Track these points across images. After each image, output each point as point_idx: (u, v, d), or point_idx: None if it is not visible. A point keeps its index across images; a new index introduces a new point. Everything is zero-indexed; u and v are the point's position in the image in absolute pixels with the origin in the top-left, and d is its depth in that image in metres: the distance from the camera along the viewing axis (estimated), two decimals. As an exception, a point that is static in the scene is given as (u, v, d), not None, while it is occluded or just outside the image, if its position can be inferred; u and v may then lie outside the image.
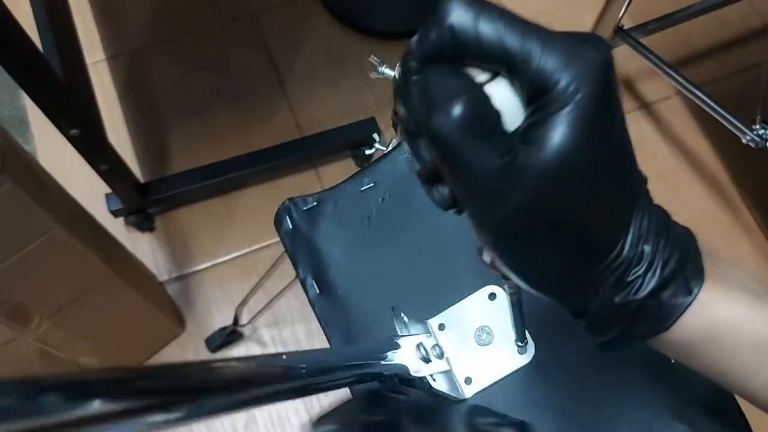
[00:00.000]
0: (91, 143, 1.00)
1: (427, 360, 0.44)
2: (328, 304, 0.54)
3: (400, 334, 0.46)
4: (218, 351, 1.20)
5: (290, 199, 0.58)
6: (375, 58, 0.76)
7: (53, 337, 0.91)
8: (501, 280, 0.40)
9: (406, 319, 0.48)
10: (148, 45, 1.43)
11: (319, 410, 1.25)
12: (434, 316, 0.50)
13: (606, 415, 0.46)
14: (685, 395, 0.46)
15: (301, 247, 0.57)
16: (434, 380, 0.46)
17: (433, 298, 0.49)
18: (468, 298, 0.51)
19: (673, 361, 0.46)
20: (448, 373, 0.47)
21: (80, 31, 1.18)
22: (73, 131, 0.92)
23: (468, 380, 0.48)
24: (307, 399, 1.18)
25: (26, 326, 0.84)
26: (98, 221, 0.97)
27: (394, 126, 0.82)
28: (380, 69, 0.76)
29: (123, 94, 1.39)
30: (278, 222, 0.59)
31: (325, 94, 1.40)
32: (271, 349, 1.21)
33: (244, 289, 1.15)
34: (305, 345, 1.21)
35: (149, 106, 1.38)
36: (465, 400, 0.47)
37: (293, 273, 0.92)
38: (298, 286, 0.95)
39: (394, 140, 0.89)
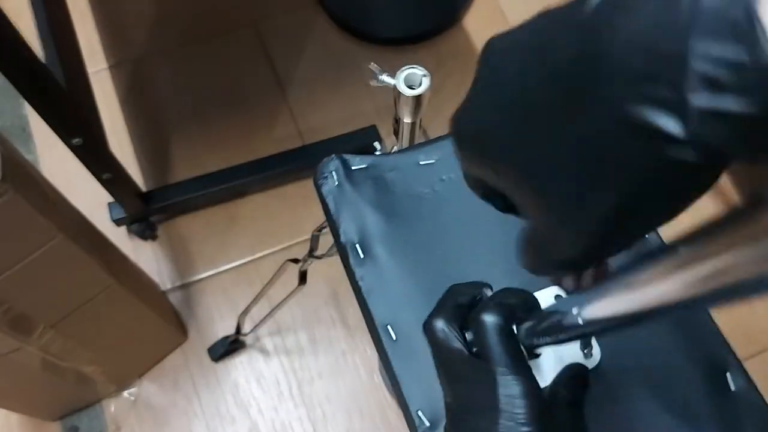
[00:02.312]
0: (93, 152, 1.00)
1: None
2: (370, 272, 0.50)
3: None
4: (220, 360, 1.20)
5: (339, 156, 0.55)
6: (375, 65, 0.76)
7: (56, 346, 0.91)
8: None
9: None
10: (150, 54, 1.43)
11: (321, 419, 1.22)
12: None
13: (659, 429, 0.45)
14: (740, 422, 0.45)
15: (346, 209, 0.53)
16: None
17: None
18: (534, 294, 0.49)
19: (732, 389, 0.46)
20: None
21: (82, 40, 1.19)
22: (76, 140, 0.92)
23: None
24: (311, 408, 1.17)
25: (29, 336, 0.84)
26: (100, 230, 0.97)
27: (395, 134, 0.82)
28: (380, 77, 0.76)
29: (125, 103, 1.39)
30: (320, 177, 0.54)
31: (327, 102, 1.40)
32: (274, 359, 1.21)
33: (246, 297, 1.15)
34: (309, 353, 1.21)
35: (151, 115, 1.38)
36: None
37: (296, 281, 0.92)
38: (300, 294, 0.95)
39: (395, 148, 0.89)
